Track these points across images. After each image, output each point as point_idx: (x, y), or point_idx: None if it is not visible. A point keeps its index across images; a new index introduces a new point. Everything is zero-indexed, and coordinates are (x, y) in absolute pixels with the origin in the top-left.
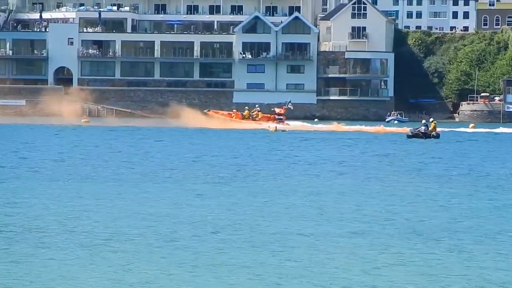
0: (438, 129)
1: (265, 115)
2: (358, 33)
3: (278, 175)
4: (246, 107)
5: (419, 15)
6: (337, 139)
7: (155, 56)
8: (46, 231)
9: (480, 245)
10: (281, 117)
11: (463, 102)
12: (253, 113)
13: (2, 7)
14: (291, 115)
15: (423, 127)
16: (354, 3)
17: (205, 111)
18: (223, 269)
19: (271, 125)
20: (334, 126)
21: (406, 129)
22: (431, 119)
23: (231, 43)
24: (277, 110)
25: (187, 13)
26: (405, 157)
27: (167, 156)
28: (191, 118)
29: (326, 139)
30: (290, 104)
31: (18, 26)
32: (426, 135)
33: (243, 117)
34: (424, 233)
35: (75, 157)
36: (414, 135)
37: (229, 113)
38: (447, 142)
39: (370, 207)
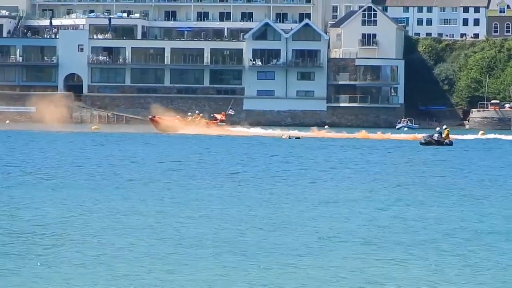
0: (451, 136)
1: (207, 120)
2: (368, 40)
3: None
4: (189, 113)
5: (429, 22)
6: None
7: (165, 63)
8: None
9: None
10: (223, 123)
11: (474, 109)
12: (195, 119)
13: (12, 14)
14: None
15: (436, 135)
16: (364, 10)
17: (149, 116)
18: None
19: (285, 133)
20: (361, 133)
21: (418, 136)
22: (444, 126)
23: (241, 50)
24: (217, 116)
25: (197, 20)
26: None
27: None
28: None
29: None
30: (230, 110)
31: (28, 33)
32: (439, 143)
33: (187, 123)
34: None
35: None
36: (427, 143)
37: (172, 119)
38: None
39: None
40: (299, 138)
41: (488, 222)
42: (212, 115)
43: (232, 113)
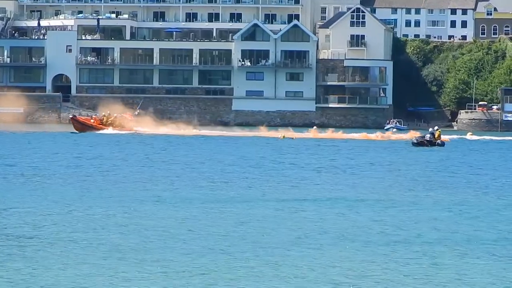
0: (444, 137)
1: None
2: (357, 41)
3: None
4: (103, 113)
5: (417, 23)
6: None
7: (154, 64)
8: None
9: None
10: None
11: (462, 111)
12: (108, 119)
13: (0, 15)
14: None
15: (428, 135)
16: (353, 12)
17: (70, 116)
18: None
19: (280, 133)
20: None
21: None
22: (436, 127)
23: (230, 50)
24: (125, 115)
25: (186, 21)
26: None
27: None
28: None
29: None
30: (138, 110)
31: (16, 34)
32: (431, 143)
33: (101, 123)
34: None
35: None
36: (419, 143)
37: (88, 119)
38: (454, 151)
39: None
40: (292, 138)
41: None
42: (120, 115)
43: (137, 113)
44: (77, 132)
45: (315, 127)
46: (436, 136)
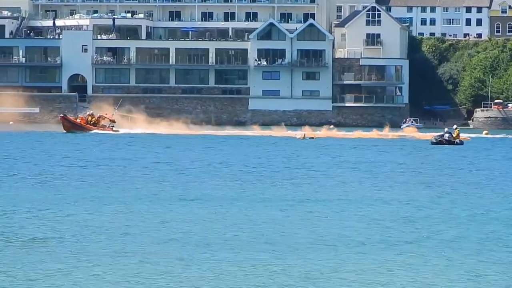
0: (464, 136)
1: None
2: (372, 40)
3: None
4: (87, 113)
5: (433, 22)
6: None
7: (170, 63)
8: None
9: None
10: (113, 123)
11: (477, 109)
12: (93, 119)
13: (15, 14)
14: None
15: (446, 135)
16: (369, 10)
17: (60, 115)
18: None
19: (300, 133)
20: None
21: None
22: (454, 126)
23: (246, 49)
24: (105, 115)
25: (202, 20)
26: None
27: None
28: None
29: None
30: (116, 110)
31: (31, 33)
32: (449, 143)
33: (87, 122)
34: None
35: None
36: (438, 142)
37: (75, 119)
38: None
39: None
40: (313, 138)
41: None
42: (99, 115)
43: (114, 114)
44: (66, 131)
45: (331, 126)
46: (454, 135)
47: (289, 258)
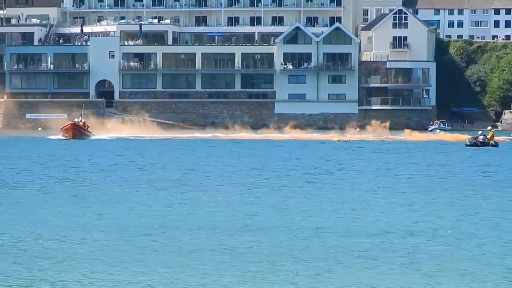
0: (501, 138)
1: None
2: (399, 42)
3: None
4: (76, 119)
5: (460, 24)
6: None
7: (197, 68)
8: None
9: None
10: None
11: (506, 111)
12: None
13: (43, 22)
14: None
15: (481, 137)
16: (395, 13)
17: (70, 122)
18: None
19: (335, 137)
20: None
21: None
22: (489, 128)
23: (272, 54)
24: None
25: (228, 25)
26: None
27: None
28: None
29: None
30: (81, 116)
31: (60, 40)
32: (484, 144)
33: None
34: None
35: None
36: (472, 144)
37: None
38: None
39: None
40: (348, 141)
41: None
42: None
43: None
44: (71, 138)
45: (358, 129)
46: (489, 136)
47: None
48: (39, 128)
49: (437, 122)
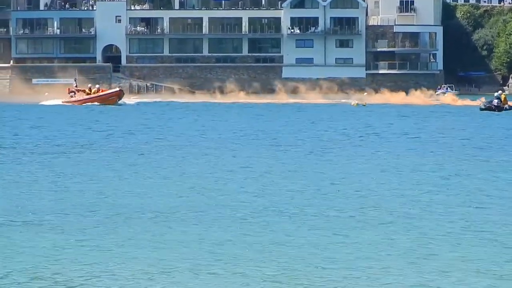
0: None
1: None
2: (406, 7)
3: None
4: (87, 86)
5: None
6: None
7: (203, 33)
8: None
9: None
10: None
11: None
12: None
13: None
14: None
15: (495, 100)
16: None
17: (117, 88)
18: None
19: (354, 101)
20: None
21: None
22: (499, 91)
23: (279, 18)
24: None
25: None
26: None
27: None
28: None
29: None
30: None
31: (66, 5)
32: (499, 108)
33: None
34: None
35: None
36: (487, 108)
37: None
38: None
39: None
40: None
41: None
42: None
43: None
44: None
45: (365, 93)
46: (502, 100)
47: None
48: (46, 93)
49: (444, 86)
